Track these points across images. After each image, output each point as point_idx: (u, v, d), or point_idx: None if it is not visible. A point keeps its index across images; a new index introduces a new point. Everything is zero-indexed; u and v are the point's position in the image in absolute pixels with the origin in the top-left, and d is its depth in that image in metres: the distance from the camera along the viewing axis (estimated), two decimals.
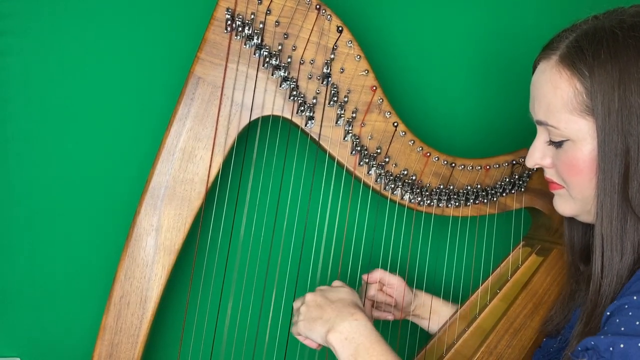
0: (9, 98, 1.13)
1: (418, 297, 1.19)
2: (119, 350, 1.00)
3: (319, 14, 1.03)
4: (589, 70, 0.82)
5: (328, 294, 0.95)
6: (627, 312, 0.75)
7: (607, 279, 0.82)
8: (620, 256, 0.81)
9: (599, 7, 0.91)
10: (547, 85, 0.87)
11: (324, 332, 0.90)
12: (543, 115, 0.88)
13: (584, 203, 0.88)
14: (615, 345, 0.73)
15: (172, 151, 1.01)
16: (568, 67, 0.85)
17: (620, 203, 0.81)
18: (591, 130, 0.83)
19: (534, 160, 0.93)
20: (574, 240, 1.00)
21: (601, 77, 0.81)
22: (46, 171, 1.15)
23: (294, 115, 1.04)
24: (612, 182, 0.82)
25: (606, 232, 0.82)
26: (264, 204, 1.19)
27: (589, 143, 0.84)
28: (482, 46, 1.36)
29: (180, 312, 1.20)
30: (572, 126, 0.85)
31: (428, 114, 1.33)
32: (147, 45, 1.17)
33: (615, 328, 0.75)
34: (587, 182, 0.85)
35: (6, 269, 1.15)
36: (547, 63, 0.88)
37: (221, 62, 1.01)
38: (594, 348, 0.75)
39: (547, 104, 0.87)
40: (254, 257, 1.17)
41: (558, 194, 0.93)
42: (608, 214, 0.82)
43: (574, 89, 0.84)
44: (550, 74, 0.87)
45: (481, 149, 1.35)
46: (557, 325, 1.01)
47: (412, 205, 1.11)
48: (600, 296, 0.83)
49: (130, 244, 1.00)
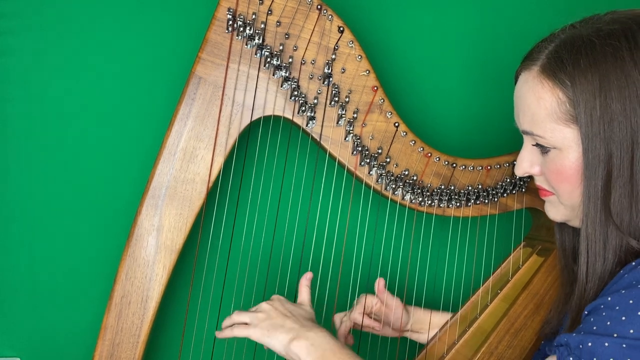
0: (9, 98, 1.12)
1: (414, 314, 1.19)
2: (120, 350, 1.00)
3: (320, 14, 1.03)
4: (570, 79, 0.83)
5: (288, 306, 0.97)
6: (601, 312, 0.77)
7: (590, 283, 0.84)
8: (603, 260, 0.83)
9: (594, 8, 0.91)
10: (530, 96, 0.88)
11: (287, 340, 0.91)
12: (528, 126, 0.89)
13: (573, 209, 0.89)
14: (584, 343, 0.76)
15: (173, 151, 1.01)
16: (549, 77, 0.85)
17: (603, 209, 0.82)
18: (576, 138, 0.84)
19: (523, 169, 0.94)
20: (565, 244, 1.02)
21: (582, 86, 0.82)
22: (46, 171, 1.15)
23: (295, 115, 1.04)
24: (595, 189, 0.83)
25: (590, 237, 0.84)
26: (265, 204, 1.19)
27: (575, 151, 0.85)
28: (483, 47, 1.37)
29: (181, 312, 1.20)
30: (557, 135, 0.86)
31: (429, 114, 1.33)
32: (148, 45, 1.17)
33: (589, 327, 0.78)
34: (574, 189, 0.87)
35: (6, 269, 1.14)
36: (528, 74, 0.89)
37: (222, 62, 1.01)
38: (566, 344, 0.79)
39: (531, 114, 0.88)
40: (254, 257, 1.17)
41: (548, 201, 0.95)
42: (592, 219, 0.83)
43: (557, 99, 0.85)
44: (533, 85, 0.88)
45: (482, 149, 1.35)
46: (553, 328, 1.02)
47: (413, 205, 1.11)
48: (584, 300, 0.85)
49: (131, 244, 1.00)
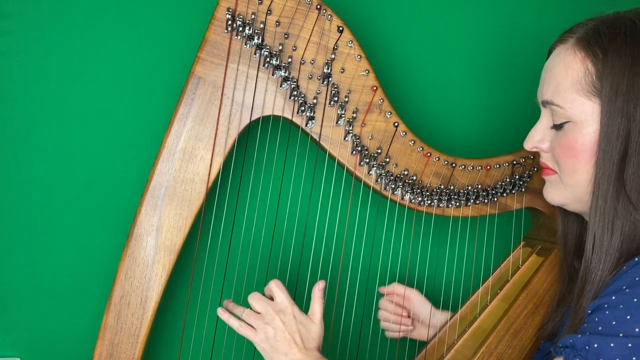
0: (9, 98, 1.13)
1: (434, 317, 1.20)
2: (120, 350, 1.00)
3: (320, 14, 1.03)
4: (603, 52, 0.85)
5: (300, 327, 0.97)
6: (605, 311, 0.78)
7: (596, 256, 0.85)
8: (610, 235, 0.84)
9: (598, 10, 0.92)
10: (560, 64, 0.89)
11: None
12: (550, 94, 0.90)
13: (575, 189, 0.90)
14: (590, 344, 0.77)
15: (173, 151, 1.01)
16: (583, 48, 0.87)
17: (616, 184, 0.83)
18: (594, 113, 0.85)
19: (533, 143, 0.95)
20: (567, 237, 1.02)
21: (614, 61, 0.84)
22: (46, 171, 1.15)
23: (295, 115, 1.04)
24: (610, 163, 0.84)
25: (600, 210, 0.85)
26: (264, 204, 1.19)
27: (590, 125, 0.86)
28: (483, 46, 1.37)
29: (181, 312, 1.20)
30: (576, 107, 0.87)
31: (429, 114, 1.33)
32: (147, 45, 1.17)
33: (594, 326, 0.78)
34: (581, 165, 0.87)
35: (6, 269, 1.15)
36: (563, 45, 0.91)
37: (222, 62, 1.01)
38: (572, 346, 0.79)
39: (556, 83, 0.89)
40: (254, 256, 1.17)
41: (549, 181, 0.95)
42: (603, 193, 0.84)
43: (585, 69, 0.86)
44: (565, 55, 0.89)
45: (482, 149, 1.35)
46: (551, 330, 1.02)
47: (412, 205, 1.11)
48: (589, 272, 0.85)
49: (130, 244, 1.00)
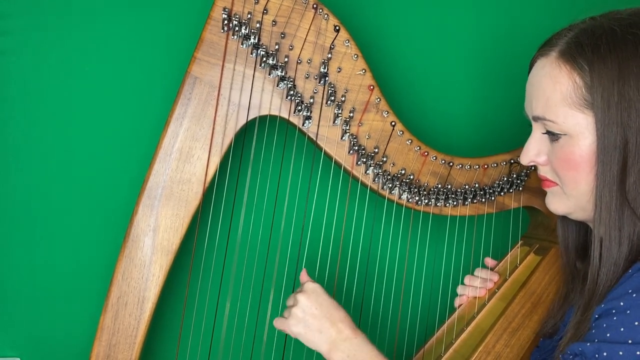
0: (9, 98, 1.13)
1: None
2: (117, 350, 1.00)
3: (316, 13, 1.03)
4: (589, 64, 0.83)
5: (323, 303, 0.98)
6: (612, 317, 0.78)
7: (605, 268, 0.84)
8: (618, 246, 0.83)
9: (595, 8, 0.91)
10: (547, 80, 0.88)
11: (326, 349, 0.97)
12: (541, 110, 0.89)
13: (578, 199, 0.89)
14: (600, 352, 0.77)
15: (169, 151, 1.01)
16: (568, 61, 0.86)
17: (618, 195, 0.83)
18: (589, 124, 0.84)
19: (529, 158, 0.94)
20: (568, 240, 1.01)
21: (601, 71, 0.82)
22: (44, 171, 1.15)
23: (291, 114, 1.04)
24: (611, 174, 0.83)
25: (604, 222, 0.84)
26: (261, 204, 1.19)
27: (586, 138, 0.85)
28: (480, 45, 1.36)
29: (178, 313, 1.20)
30: (570, 120, 0.86)
31: (426, 113, 1.33)
32: (144, 45, 1.17)
33: (602, 333, 0.78)
34: (582, 177, 0.86)
35: (5, 269, 1.15)
36: (546, 59, 0.89)
37: (218, 62, 1.01)
38: (581, 354, 0.79)
39: (545, 98, 0.88)
40: (251, 257, 1.17)
41: (551, 192, 0.94)
42: (607, 205, 0.83)
43: (573, 83, 0.85)
44: (550, 69, 0.88)
45: (479, 148, 1.35)
46: (552, 327, 1.02)
47: (409, 204, 1.11)
48: (597, 285, 0.85)
49: (127, 245, 1.00)
